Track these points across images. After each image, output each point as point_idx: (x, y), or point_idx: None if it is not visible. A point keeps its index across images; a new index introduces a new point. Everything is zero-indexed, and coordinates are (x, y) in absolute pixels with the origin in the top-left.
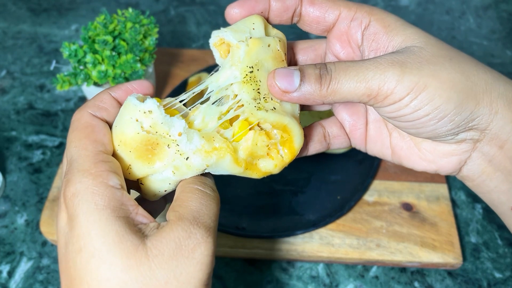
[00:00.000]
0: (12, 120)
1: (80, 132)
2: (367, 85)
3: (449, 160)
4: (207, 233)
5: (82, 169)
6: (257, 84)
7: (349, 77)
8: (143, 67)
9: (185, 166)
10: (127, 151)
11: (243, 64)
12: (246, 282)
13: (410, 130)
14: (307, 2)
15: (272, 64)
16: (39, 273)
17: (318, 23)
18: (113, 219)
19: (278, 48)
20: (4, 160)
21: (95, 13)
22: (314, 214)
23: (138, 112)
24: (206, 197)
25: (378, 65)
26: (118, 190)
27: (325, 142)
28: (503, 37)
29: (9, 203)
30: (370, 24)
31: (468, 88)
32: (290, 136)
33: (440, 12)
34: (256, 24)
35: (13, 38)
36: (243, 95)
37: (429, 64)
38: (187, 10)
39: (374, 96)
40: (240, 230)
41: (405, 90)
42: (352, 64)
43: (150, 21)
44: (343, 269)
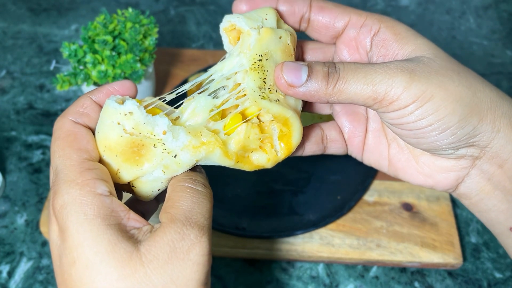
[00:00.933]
0: (12, 120)
1: (62, 141)
2: (374, 88)
3: (446, 175)
4: (200, 233)
5: (68, 180)
6: (264, 74)
7: (357, 78)
8: (143, 67)
9: (175, 163)
10: (113, 155)
11: (253, 51)
12: (246, 282)
13: (410, 139)
14: (316, 8)
15: (280, 57)
16: (39, 273)
17: (327, 29)
18: (104, 228)
19: (289, 42)
20: (4, 160)
21: (95, 13)
22: (314, 214)
23: (119, 115)
24: (198, 195)
25: (387, 70)
26: (107, 198)
27: (322, 144)
28: (503, 37)
29: (9, 203)
30: (380, 31)
31: (474, 103)
32: (289, 130)
33: (440, 12)
34: (269, 15)
35: (13, 38)
36: (249, 82)
37: (437, 75)
38: (187, 10)
39: (380, 100)
40: (240, 230)
41: (411, 98)
42: (361, 66)
43: (150, 21)
44: (343, 269)
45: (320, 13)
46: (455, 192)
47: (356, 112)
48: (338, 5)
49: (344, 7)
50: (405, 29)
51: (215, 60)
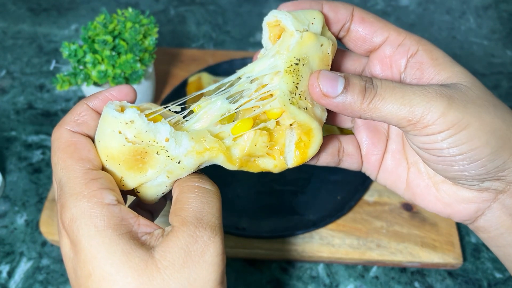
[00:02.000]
0: (11, 120)
1: (63, 152)
2: (410, 109)
3: (467, 206)
4: (213, 233)
5: (75, 193)
6: (298, 78)
7: (394, 98)
8: (143, 67)
9: (179, 168)
10: (116, 164)
11: (291, 54)
12: (246, 282)
13: (437, 165)
14: (357, 19)
15: (317, 65)
16: (38, 273)
17: (364, 42)
18: (116, 238)
19: (329, 51)
20: (4, 160)
21: (95, 13)
22: (314, 214)
23: (120, 124)
24: (207, 194)
25: (426, 93)
26: (115, 207)
27: (338, 157)
28: (503, 37)
29: (9, 203)
30: (417, 53)
31: (507, 137)
32: (309, 141)
33: (441, 12)
34: (316, 19)
35: (13, 38)
36: (281, 84)
37: (474, 104)
38: (187, 10)
39: (414, 122)
40: (240, 230)
41: (446, 124)
42: (399, 85)
43: (150, 21)
44: (343, 269)
45: (361, 24)
46: (473, 225)
47: (378, 129)
48: (379, 19)
49: (384, 22)
50: (443, 55)
51: (215, 60)
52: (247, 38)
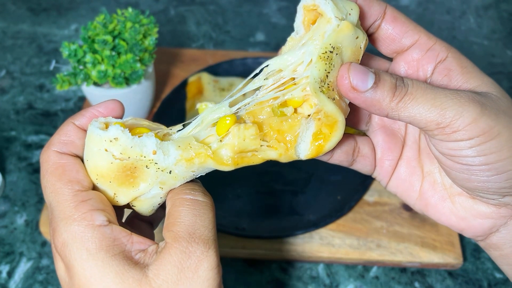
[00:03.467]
0: (11, 120)
1: (51, 175)
2: (441, 112)
3: (482, 222)
4: (206, 247)
5: (65, 217)
6: (330, 67)
7: (426, 99)
8: (142, 67)
9: (171, 178)
10: (107, 182)
11: (327, 40)
12: (246, 282)
13: (460, 174)
14: (390, 17)
15: (349, 58)
16: (38, 273)
17: (393, 41)
18: (109, 260)
19: (362, 46)
20: (4, 160)
21: (94, 13)
22: (314, 214)
23: (104, 142)
24: (198, 206)
25: (459, 97)
26: (106, 227)
27: (352, 157)
28: (503, 37)
29: (8, 203)
30: (446, 59)
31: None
32: (330, 134)
33: (441, 12)
34: (354, 11)
35: (13, 37)
36: (313, 71)
37: (505, 115)
38: (187, 10)
39: (444, 126)
40: (240, 231)
41: (477, 132)
42: (431, 87)
43: (150, 21)
44: (343, 269)
45: (392, 23)
46: (485, 242)
47: (395, 134)
48: (411, 21)
49: (415, 24)
50: (471, 64)
51: (215, 60)
52: (247, 38)
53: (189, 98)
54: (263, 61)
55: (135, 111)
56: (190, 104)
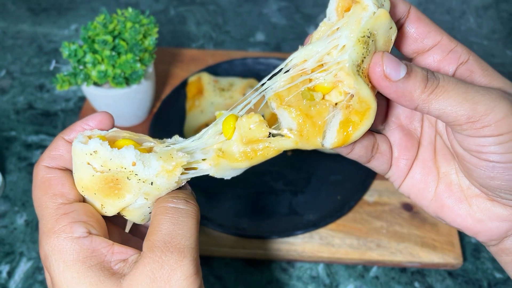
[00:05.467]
0: (11, 120)
1: (38, 189)
2: (473, 106)
3: (499, 225)
4: (180, 256)
5: (46, 230)
6: (366, 52)
7: (457, 92)
8: (142, 67)
9: (154, 189)
10: (92, 194)
11: (366, 25)
12: (246, 282)
13: (484, 172)
14: (414, 17)
15: (381, 48)
16: (38, 273)
17: (414, 41)
18: (85, 271)
19: (393, 38)
20: (4, 160)
21: (94, 13)
22: (314, 214)
23: (85, 156)
24: (178, 214)
25: (490, 93)
26: (85, 239)
27: (371, 153)
28: (503, 37)
29: (8, 203)
30: (468, 61)
31: None
32: (360, 122)
33: (441, 12)
34: (386, 2)
35: (13, 38)
36: (351, 53)
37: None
38: (187, 10)
39: (475, 120)
40: (240, 231)
41: (507, 128)
42: (462, 82)
43: (150, 21)
44: (343, 269)
45: (416, 23)
46: (497, 247)
47: (411, 134)
48: (434, 23)
49: (438, 27)
50: (492, 68)
51: (215, 60)
52: (247, 38)
53: (189, 98)
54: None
55: (135, 111)
56: (190, 104)
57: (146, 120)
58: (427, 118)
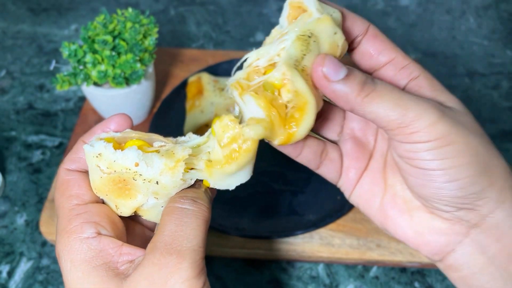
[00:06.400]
0: (11, 120)
1: (58, 191)
2: (404, 112)
3: (438, 238)
4: (179, 259)
5: (60, 230)
6: (306, 49)
7: (391, 97)
8: (142, 67)
9: (161, 188)
10: (104, 195)
11: (307, 26)
12: (246, 282)
13: (416, 180)
14: (371, 34)
15: (326, 50)
16: (38, 273)
17: (371, 58)
18: (90, 271)
19: (339, 44)
20: (4, 160)
21: (94, 13)
22: (314, 214)
23: (94, 158)
24: (184, 215)
25: (422, 102)
26: (94, 239)
27: (320, 158)
28: (503, 37)
29: (8, 203)
30: (418, 78)
31: (488, 165)
32: (301, 119)
33: (441, 12)
34: (335, 14)
35: (13, 38)
36: (290, 49)
37: (463, 127)
38: (187, 10)
39: (404, 126)
40: (240, 231)
41: (434, 135)
42: (398, 89)
43: (150, 21)
44: (343, 269)
45: (372, 40)
46: (443, 263)
47: (364, 146)
48: (391, 41)
49: (394, 45)
50: (441, 85)
51: (215, 60)
52: (247, 38)
53: (189, 98)
54: None
55: (135, 111)
56: (190, 104)
57: (146, 120)
58: (380, 132)
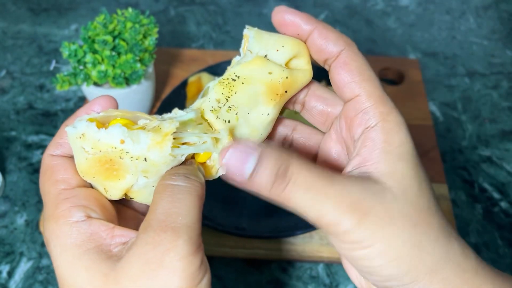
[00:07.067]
0: (11, 120)
1: (42, 177)
2: (320, 217)
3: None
4: (174, 236)
5: (48, 216)
6: (229, 92)
7: (306, 198)
8: (143, 67)
9: (151, 166)
10: (91, 178)
11: (233, 70)
12: (246, 282)
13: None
14: (341, 61)
15: (264, 91)
16: (38, 273)
17: (337, 89)
18: (80, 255)
19: (280, 81)
20: (4, 160)
21: (95, 13)
22: None
23: (77, 140)
24: (176, 191)
25: (340, 204)
26: (83, 223)
27: None
28: (503, 37)
29: (8, 203)
30: (374, 128)
31: (413, 264)
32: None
33: (440, 12)
34: (285, 48)
35: (13, 38)
36: (211, 92)
37: (389, 224)
38: (187, 10)
39: (322, 227)
40: (240, 230)
41: (351, 240)
42: (317, 184)
43: (150, 21)
44: (343, 269)
45: (339, 69)
46: None
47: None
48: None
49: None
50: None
51: (215, 60)
52: None
53: (189, 98)
54: None
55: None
56: (190, 104)
57: None
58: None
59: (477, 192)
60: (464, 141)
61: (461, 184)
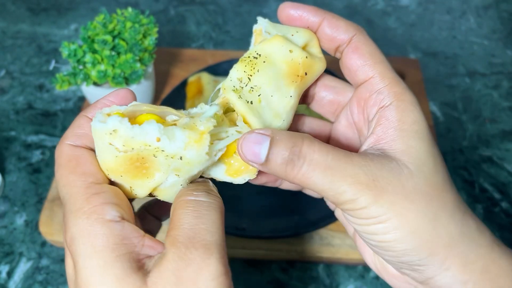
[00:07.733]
0: (11, 120)
1: (64, 168)
2: (337, 195)
3: (394, 281)
4: (207, 254)
5: (75, 210)
6: (252, 70)
7: (321, 177)
8: (142, 67)
9: (185, 164)
10: (118, 176)
11: (253, 48)
12: (246, 282)
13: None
14: (352, 46)
15: (285, 70)
16: (38, 273)
17: (349, 73)
18: (112, 261)
19: (300, 62)
20: (3, 160)
21: (94, 13)
22: (314, 214)
23: (106, 136)
24: (200, 207)
25: (356, 183)
26: (117, 224)
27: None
28: (503, 37)
29: (8, 203)
30: (389, 107)
31: (428, 238)
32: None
33: (441, 11)
34: (299, 33)
35: (12, 37)
36: (232, 71)
37: (405, 200)
38: (187, 9)
39: (339, 204)
40: (240, 231)
41: (366, 216)
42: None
43: (150, 21)
44: (344, 269)
45: (351, 54)
46: None
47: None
48: (375, 54)
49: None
50: (412, 120)
51: (215, 60)
52: (247, 38)
53: (189, 98)
54: None
55: None
56: (190, 104)
57: None
58: None
59: (477, 192)
60: (464, 141)
61: (462, 184)
